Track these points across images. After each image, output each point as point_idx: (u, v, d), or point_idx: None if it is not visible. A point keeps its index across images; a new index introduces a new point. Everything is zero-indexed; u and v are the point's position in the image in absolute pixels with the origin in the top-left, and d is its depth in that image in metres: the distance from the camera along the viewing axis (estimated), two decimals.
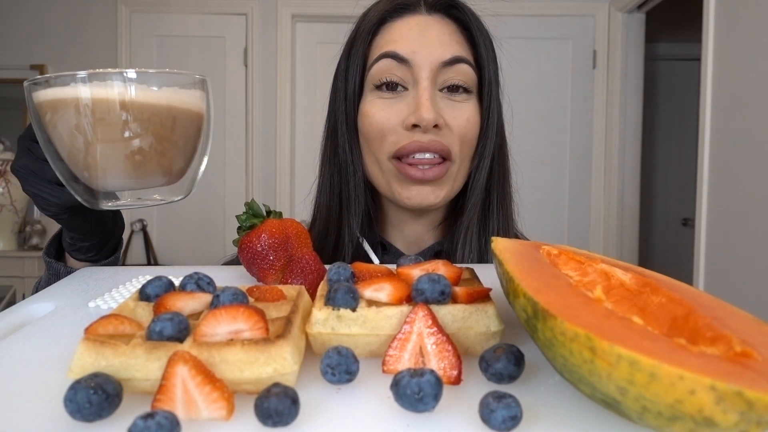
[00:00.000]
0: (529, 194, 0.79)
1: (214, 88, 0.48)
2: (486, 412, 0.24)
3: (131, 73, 0.40)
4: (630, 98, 2.76)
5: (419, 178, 0.63)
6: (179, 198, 0.50)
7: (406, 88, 0.65)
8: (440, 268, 0.37)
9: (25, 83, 0.43)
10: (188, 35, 2.77)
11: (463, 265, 0.42)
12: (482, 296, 0.33)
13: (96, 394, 0.24)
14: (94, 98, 0.40)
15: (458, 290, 0.33)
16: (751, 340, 0.24)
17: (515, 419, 0.24)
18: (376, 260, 0.70)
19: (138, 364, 0.27)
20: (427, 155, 0.63)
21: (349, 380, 0.28)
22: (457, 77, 0.64)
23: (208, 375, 0.25)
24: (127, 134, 0.42)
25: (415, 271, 0.36)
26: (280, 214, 0.49)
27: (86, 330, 0.28)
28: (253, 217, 0.48)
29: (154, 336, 0.28)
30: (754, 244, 1.67)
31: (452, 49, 0.64)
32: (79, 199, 0.47)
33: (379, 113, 0.64)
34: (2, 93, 2.81)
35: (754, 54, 1.68)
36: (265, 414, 0.24)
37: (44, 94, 0.42)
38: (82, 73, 0.40)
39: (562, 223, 2.79)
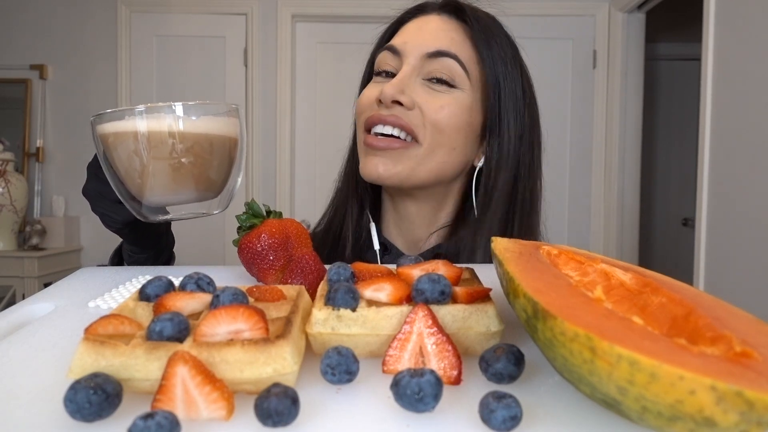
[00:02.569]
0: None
1: (213, 88, 0.50)
2: (486, 412, 0.24)
3: (178, 107, 0.48)
4: (630, 98, 2.76)
5: (372, 144, 0.65)
6: (218, 211, 0.56)
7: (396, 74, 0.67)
8: (440, 268, 0.37)
9: (91, 118, 0.51)
10: (188, 35, 2.77)
11: (463, 265, 0.42)
12: (482, 296, 0.33)
13: (96, 394, 0.24)
14: (149, 129, 0.48)
15: (458, 290, 0.33)
16: (751, 340, 0.24)
17: (515, 419, 0.24)
18: (376, 245, 0.72)
19: (138, 364, 0.27)
20: (387, 128, 0.65)
21: (349, 380, 0.28)
22: (441, 70, 0.65)
23: (208, 375, 0.25)
24: (174, 157, 0.49)
25: (415, 271, 0.36)
26: (280, 214, 0.49)
27: (86, 330, 0.28)
28: (253, 217, 0.48)
29: (154, 336, 0.28)
30: (754, 244, 1.67)
31: (440, 43, 0.66)
32: (134, 213, 0.54)
33: (364, 94, 0.69)
34: (2, 93, 2.81)
35: (754, 54, 1.68)
36: (265, 414, 0.24)
37: (108, 126, 0.50)
38: (140, 107, 0.48)
39: (562, 223, 2.79)
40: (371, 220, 0.73)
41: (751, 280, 1.68)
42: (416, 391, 0.25)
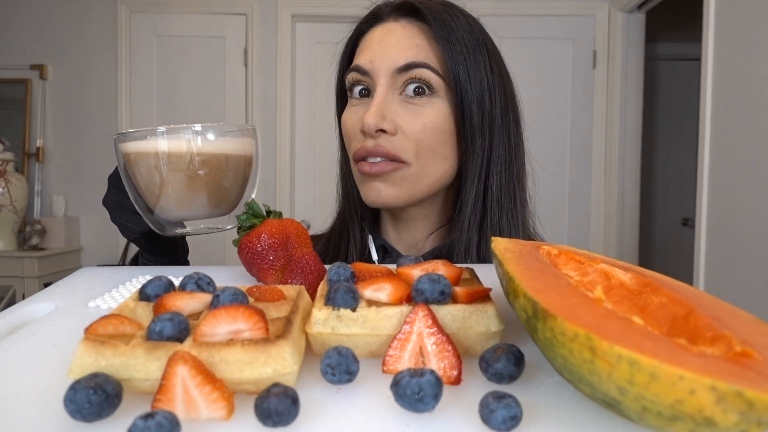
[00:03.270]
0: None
1: (213, 88, 0.51)
2: (486, 412, 0.24)
3: (197, 128, 0.51)
4: (630, 98, 2.76)
5: (366, 172, 0.65)
6: (232, 226, 0.58)
7: (371, 93, 0.67)
8: (440, 268, 0.37)
9: (114, 136, 0.54)
10: (188, 35, 2.78)
11: (463, 265, 0.42)
12: (482, 296, 0.33)
13: (96, 394, 0.24)
14: (170, 146, 0.51)
15: (458, 290, 0.33)
16: (751, 340, 0.24)
17: (515, 419, 0.24)
18: (374, 254, 0.72)
19: (138, 364, 0.27)
20: (376, 159, 0.64)
21: (349, 380, 0.28)
22: (416, 81, 0.64)
23: (208, 375, 0.25)
24: (191, 170, 0.52)
25: (415, 271, 0.36)
26: (280, 214, 0.49)
27: (86, 330, 0.28)
28: (253, 217, 0.48)
29: (154, 336, 0.28)
30: (754, 244, 1.67)
31: (408, 54, 0.64)
32: (151, 225, 0.56)
33: (347, 120, 0.68)
34: (2, 93, 2.81)
35: (754, 54, 1.68)
36: (265, 414, 0.24)
37: (130, 146, 0.52)
38: (161, 128, 0.50)
39: (562, 223, 2.79)
40: (369, 231, 0.74)
41: (751, 280, 1.68)
42: (416, 391, 0.25)
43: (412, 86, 0.64)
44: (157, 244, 0.65)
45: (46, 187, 2.84)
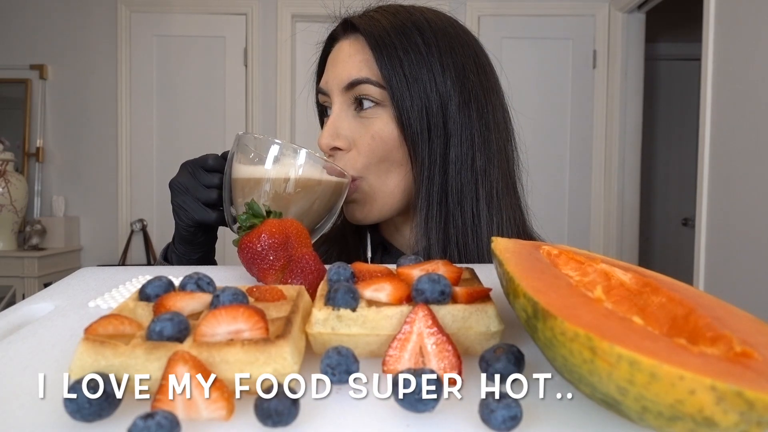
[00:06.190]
0: (528, 194, 0.77)
1: (214, 88, 0.51)
2: (486, 412, 0.24)
3: (302, 153, 0.60)
4: (630, 98, 2.76)
5: None
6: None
7: None
8: (440, 268, 0.37)
9: (239, 133, 0.61)
10: (188, 35, 2.78)
11: (463, 265, 0.42)
12: (482, 296, 0.33)
13: (96, 394, 0.24)
14: (276, 174, 0.58)
15: (458, 290, 0.33)
16: (751, 340, 0.24)
17: (515, 419, 0.24)
18: (369, 252, 0.74)
19: (138, 364, 0.27)
20: None
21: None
22: (362, 97, 0.65)
23: (208, 375, 0.25)
24: (284, 188, 0.59)
25: (415, 271, 0.36)
26: (280, 214, 0.49)
27: (86, 330, 0.28)
28: (253, 217, 0.48)
29: (154, 336, 0.28)
30: (754, 244, 1.67)
31: (351, 72, 0.65)
32: (226, 217, 0.61)
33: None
34: (2, 93, 2.81)
35: (754, 54, 1.68)
36: (265, 414, 0.24)
37: (242, 169, 0.59)
38: (274, 150, 0.59)
39: (562, 223, 2.79)
40: (367, 229, 0.75)
41: (751, 280, 1.68)
42: (416, 391, 0.25)
43: (360, 101, 0.66)
44: (203, 236, 0.66)
45: (46, 187, 2.84)
